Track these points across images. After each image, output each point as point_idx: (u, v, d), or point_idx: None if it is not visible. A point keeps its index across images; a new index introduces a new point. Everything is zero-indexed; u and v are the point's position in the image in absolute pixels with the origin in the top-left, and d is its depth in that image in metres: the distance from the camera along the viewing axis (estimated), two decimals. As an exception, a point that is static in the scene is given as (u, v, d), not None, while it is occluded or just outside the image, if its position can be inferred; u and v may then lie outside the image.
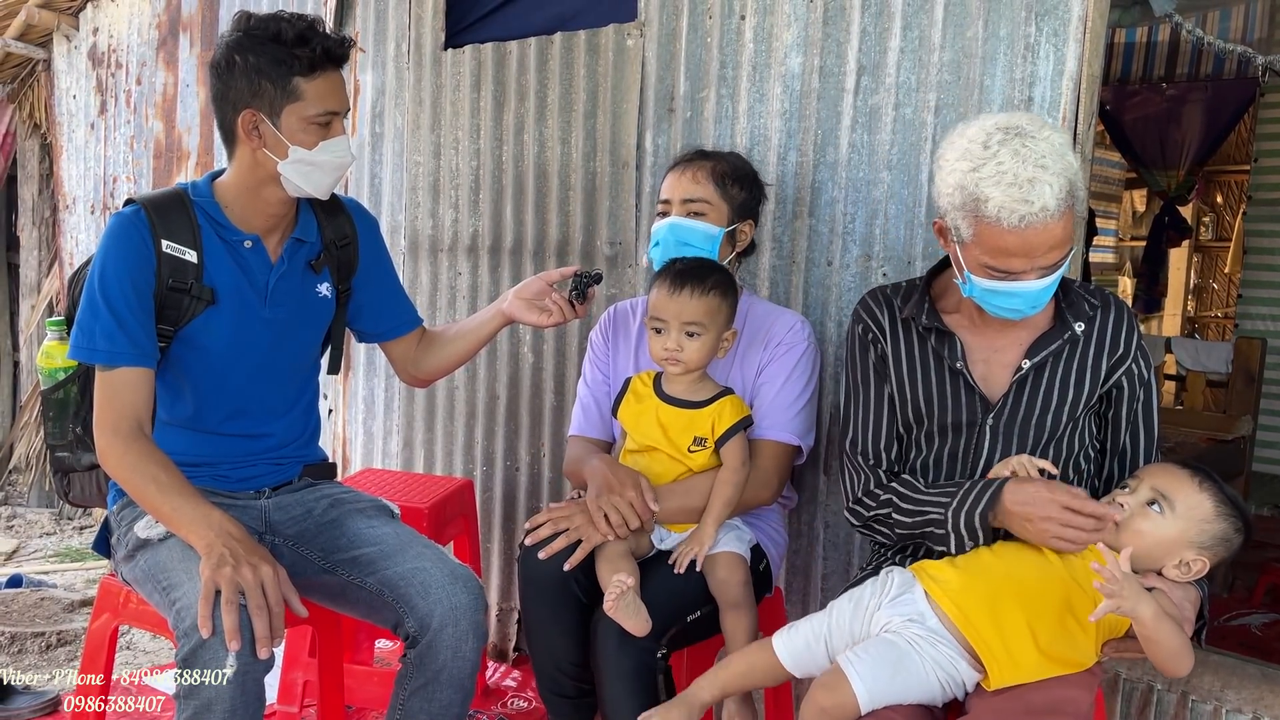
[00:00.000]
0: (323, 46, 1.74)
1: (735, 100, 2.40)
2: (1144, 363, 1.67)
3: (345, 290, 2.02)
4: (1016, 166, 1.47)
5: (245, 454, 1.93)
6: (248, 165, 1.80)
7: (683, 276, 1.88)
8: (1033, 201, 1.46)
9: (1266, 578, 3.54)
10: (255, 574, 1.58)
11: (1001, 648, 1.46)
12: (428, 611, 1.71)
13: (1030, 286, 1.54)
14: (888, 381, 1.75)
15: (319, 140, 1.77)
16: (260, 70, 1.73)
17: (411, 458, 3.17)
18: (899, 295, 1.78)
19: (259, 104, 1.74)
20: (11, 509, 4.90)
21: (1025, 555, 1.54)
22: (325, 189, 1.85)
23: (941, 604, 1.50)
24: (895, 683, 1.44)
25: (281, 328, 1.90)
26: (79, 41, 4.54)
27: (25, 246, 5.07)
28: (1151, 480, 1.53)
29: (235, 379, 1.88)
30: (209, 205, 1.83)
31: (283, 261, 1.88)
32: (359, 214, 2.05)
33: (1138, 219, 7.92)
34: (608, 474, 1.87)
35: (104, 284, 1.74)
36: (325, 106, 1.76)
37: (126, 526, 1.80)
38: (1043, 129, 1.51)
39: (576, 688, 1.89)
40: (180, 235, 1.79)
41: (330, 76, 1.77)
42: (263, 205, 1.84)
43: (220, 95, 1.78)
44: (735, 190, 2.04)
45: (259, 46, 1.72)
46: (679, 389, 1.94)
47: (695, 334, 1.87)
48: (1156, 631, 1.40)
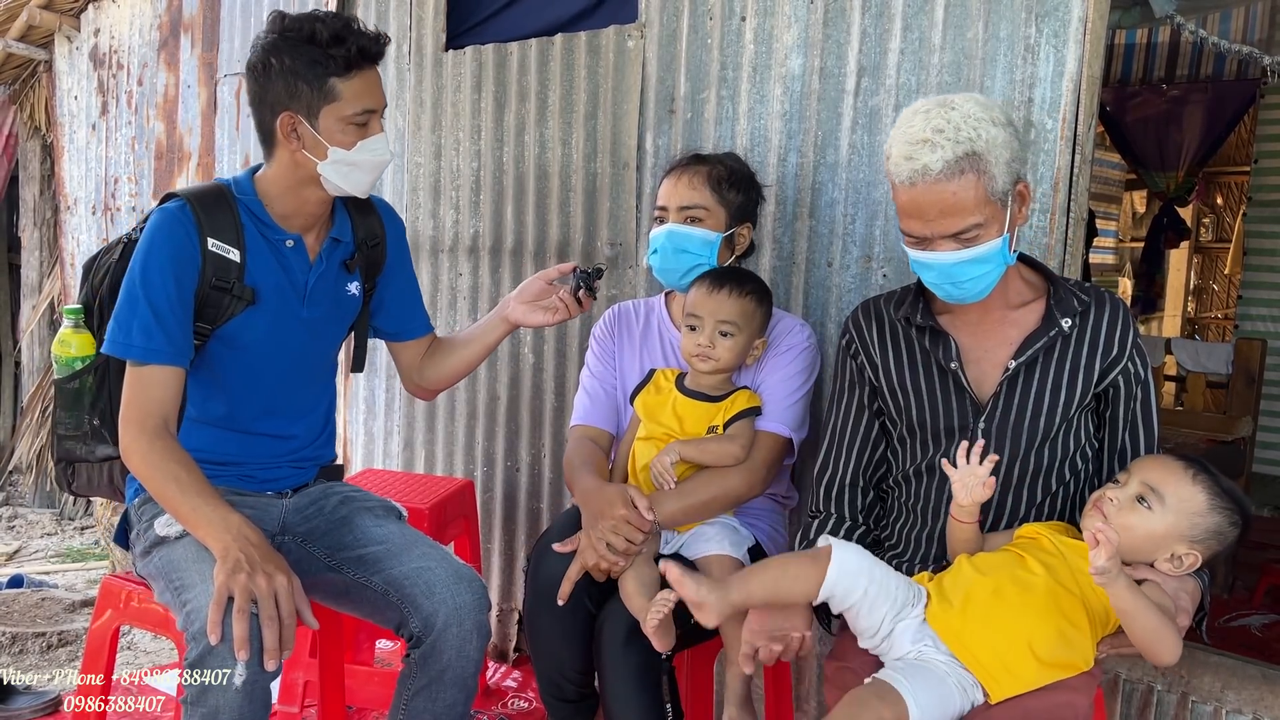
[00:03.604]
0: (358, 45, 1.73)
1: (736, 101, 2.40)
2: (1140, 361, 1.66)
3: (370, 288, 2.03)
4: (918, 129, 1.52)
5: (271, 455, 1.93)
6: (288, 166, 1.80)
7: (722, 277, 1.94)
8: (915, 159, 1.50)
9: (1267, 579, 3.54)
10: (270, 583, 1.56)
11: (1000, 666, 1.45)
12: (432, 611, 1.71)
13: (941, 258, 1.55)
14: (868, 394, 1.76)
15: (357, 140, 1.77)
16: (296, 72, 1.72)
17: (412, 458, 3.17)
18: (892, 302, 1.78)
19: (296, 106, 1.74)
20: (13, 509, 4.91)
21: (1006, 565, 1.53)
22: (365, 188, 1.84)
23: (939, 633, 1.49)
24: (937, 708, 1.44)
25: (316, 327, 1.91)
26: (80, 42, 4.54)
27: (27, 247, 5.08)
28: (1142, 474, 1.51)
29: (269, 378, 1.88)
30: (253, 203, 1.82)
31: (321, 261, 1.89)
32: (388, 214, 2.06)
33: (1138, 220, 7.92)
34: (595, 499, 1.85)
35: (146, 279, 1.72)
36: (363, 105, 1.76)
37: (146, 522, 1.79)
38: (969, 103, 1.53)
39: (578, 692, 1.89)
40: (225, 234, 1.78)
41: (366, 75, 1.76)
42: (303, 204, 1.84)
43: (258, 98, 1.77)
44: (732, 194, 2.04)
45: (294, 49, 1.71)
46: (701, 386, 1.97)
47: (728, 334, 1.91)
48: (1130, 604, 1.39)
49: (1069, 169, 1.95)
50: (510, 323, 2.07)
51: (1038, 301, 1.68)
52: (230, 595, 1.53)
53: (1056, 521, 1.63)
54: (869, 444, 1.78)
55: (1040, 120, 1.97)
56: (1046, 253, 1.97)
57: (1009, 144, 1.53)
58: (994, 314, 1.67)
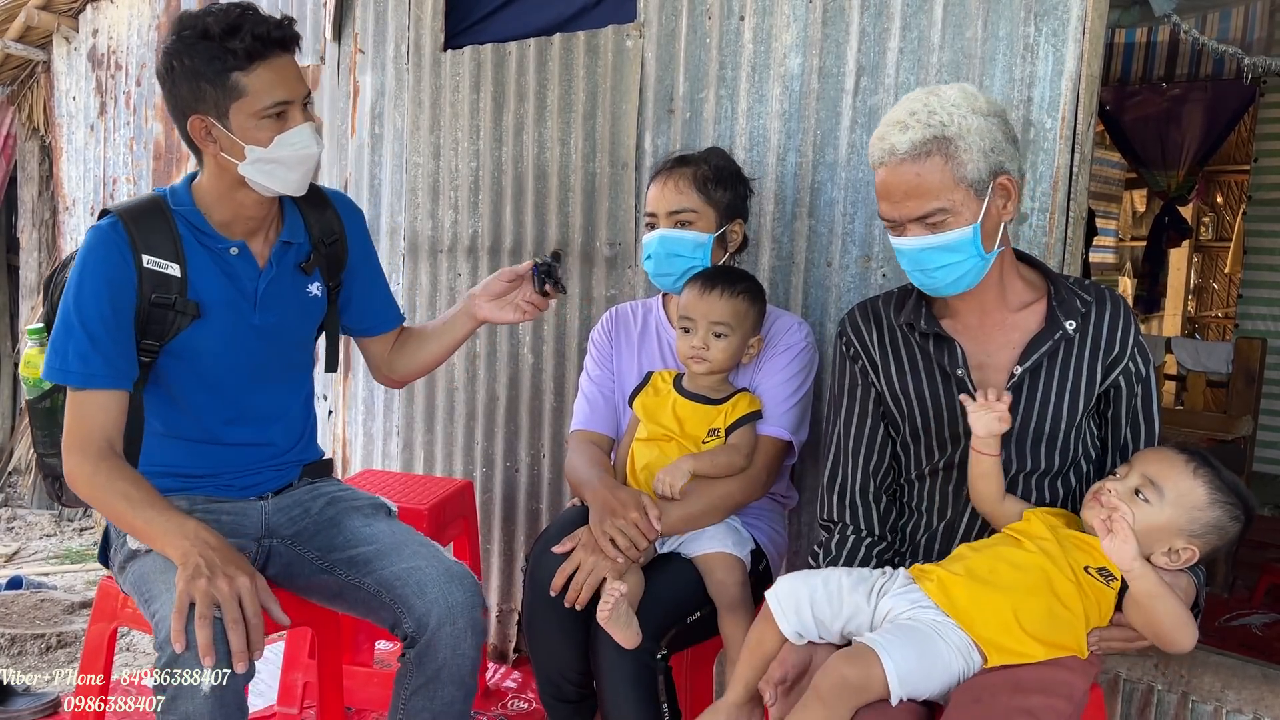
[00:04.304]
0: (254, 34, 1.62)
1: (735, 101, 2.40)
2: (1141, 359, 1.65)
3: (336, 285, 1.98)
4: (898, 113, 1.55)
5: (249, 463, 1.90)
6: (214, 171, 1.73)
7: (713, 279, 1.93)
8: (885, 140, 1.54)
9: (1267, 578, 3.53)
10: (232, 585, 1.53)
11: (991, 635, 1.45)
12: (424, 611, 1.70)
13: (910, 243, 1.56)
14: (872, 398, 1.74)
15: (274, 135, 1.68)
16: (198, 72, 1.64)
17: (411, 459, 3.17)
18: (891, 304, 1.75)
19: (204, 108, 1.66)
20: (12, 511, 4.90)
21: (1004, 547, 1.54)
22: (297, 185, 1.76)
23: (935, 599, 1.49)
24: (922, 664, 1.42)
25: (273, 333, 1.86)
26: (78, 43, 4.54)
27: (25, 248, 5.07)
28: (1142, 466, 1.50)
29: (228, 388, 1.85)
30: (190, 213, 1.76)
31: (271, 266, 1.83)
32: (345, 207, 1.98)
33: (1138, 219, 7.92)
34: (609, 497, 1.87)
35: (80, 302, 1.67)
36: (273, 98, 1.66)
37: (122, 538, 1.78)
38: (954, 91, 1.55)
39: (578, 692, 1.89)
40: (161, 248, 1.72)
41: (273, 64, 1.66)
42: (240, 209, 1.77)
43: (170, 104, 1.70)
44: (719, 193, 2.03)
45: (191, 48, 1.63)
46: (699, 387, 1.97)
47: (722, 334, 1.91)
48: (1157, 588, 1.38)
49: (1068, 168, 1.95)
50: (478, 320, 2.03)
51: (1039, 303, 1.66)
52: (192, 601, 1.51)
53: (1067, 511, 1.62)
54: (875, 448, 1.75)
55: (1039, 119, 1.96)
56: (1046, 252, 1.96)
57: (987, 133, 1.53)
58: (994, 316, 1.66)
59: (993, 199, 1.55)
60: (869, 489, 1.74)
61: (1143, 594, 1.42)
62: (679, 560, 1.91)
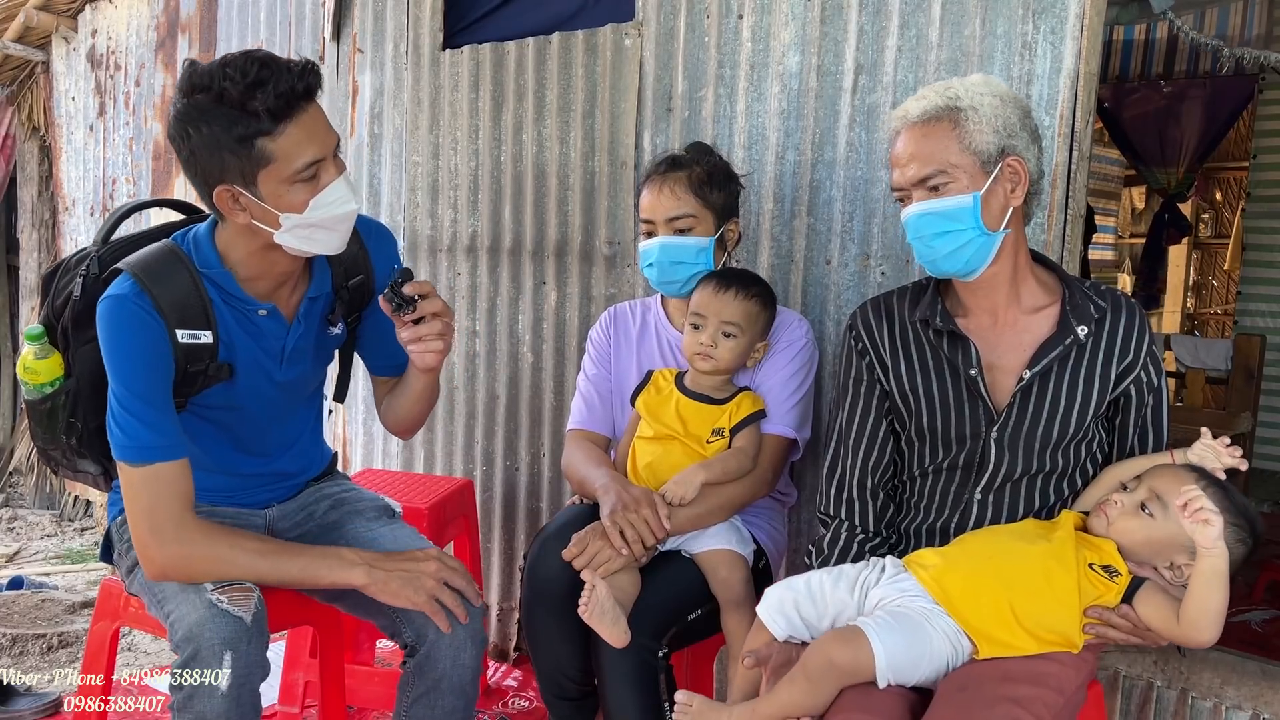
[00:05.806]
0: (277, 91, 1.47)
1: (733, 99, 2.40)
2: (1154, 369, 1.64)
3: (356, 320, 1.90)
4: (920, 91, 1.63)
5: (256, 486, 1.90)
6: (244, 234, 1.62)
7: (729, 279, 1.95)
8: (902, 108, 1.62)
9: (1267, 574, 3.54)
10: (436, 573, 1.67)
11: (982, 625, 1.46)
12: (424, 623, 1.69)
13: (911, 209, 1.59)
14: (877, 394, 1.74)
15: (309, 198, 1.55)
16: (217, 142, 1.49)
17: (411, 458, 3.17)
18: (905, 300, 1.74)
19: (230, 178, 1.52)
20: (12, 511, 4.91)
21: (1003, 537, 1.55)
22: (337, 245, 1.64)
23: (926, 586, 1.50)
24: (912, 650, 1.43)
25: (294, 384, 1.83)
26: (78, 43, 4.54)
27: (25, 249, 5.07)
28: (1152, 481, 1.51)
29: (245, 432, 1.83)
30: (219, 275, 1.66)
31: (299, 323, 1.76)
32: (375, 240, 1.85)
33: (1137, 216, 7.92)
34: (622, 492, 1.87)
35: (129, 381, 1.58)
36: (304, 159, 1.52)
37: (127, 542, 1.75)
38: (976, 76, 1.63)
39: (579, 690, 1.89)
40: (193, 319, 1.63)
41: (301, 120, 1.51)
42: (271, 266, 1.67)
43: (189, 172, 1.56)
44: (715, 195, 2.04)
45: (206, 115, 1.48)
46: (701, 386, 1.97)
47: (731, 334, 1.92)
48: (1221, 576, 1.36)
49: (1067, 165, 1.95)
50: (418, 367, 1.77)
51: (1053, 306, 1.65)
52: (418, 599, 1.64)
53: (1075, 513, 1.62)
54: (877, 444, 1.74)
55: (1038, 117, 1.96)
56: (1044, 249, 1.96)
57: (1000, 113, 1.56)
58: (1006, 317, 1.65)
59: (1000, 178, 1.56)
60: (866, 485, 1.74)
61: (1211, 570, 1.39)
62: (680, 558, 1.91)
